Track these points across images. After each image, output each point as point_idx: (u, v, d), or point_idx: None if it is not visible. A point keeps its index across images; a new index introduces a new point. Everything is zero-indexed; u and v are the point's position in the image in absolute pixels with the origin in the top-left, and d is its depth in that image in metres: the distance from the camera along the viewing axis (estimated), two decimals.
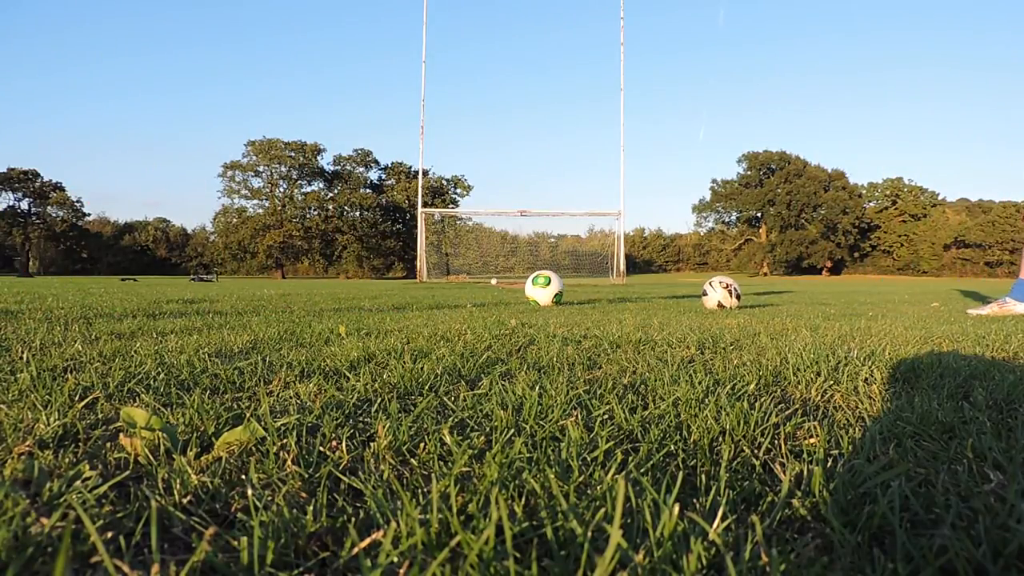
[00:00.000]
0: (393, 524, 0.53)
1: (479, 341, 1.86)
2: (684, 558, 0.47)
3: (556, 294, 4.55)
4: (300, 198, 64.19)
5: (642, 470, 0.70)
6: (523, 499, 0.61)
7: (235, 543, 0.52)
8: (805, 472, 0.68)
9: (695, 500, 0.62)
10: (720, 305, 4.20)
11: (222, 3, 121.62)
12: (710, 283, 4.34)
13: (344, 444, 0.78)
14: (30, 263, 64.42)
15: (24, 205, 64.74)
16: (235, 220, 62.89)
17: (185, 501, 0.62)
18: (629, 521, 0.55)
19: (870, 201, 71.91)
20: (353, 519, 0.57)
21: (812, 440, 0.83)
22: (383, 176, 68.53)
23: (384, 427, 0.83)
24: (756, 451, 0.78)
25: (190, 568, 0.48)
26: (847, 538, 0.52)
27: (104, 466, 0.71)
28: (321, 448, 0.77)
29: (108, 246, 72.50)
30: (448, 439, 0.78)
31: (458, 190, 66.33)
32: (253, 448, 0.77)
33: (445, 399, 1.06)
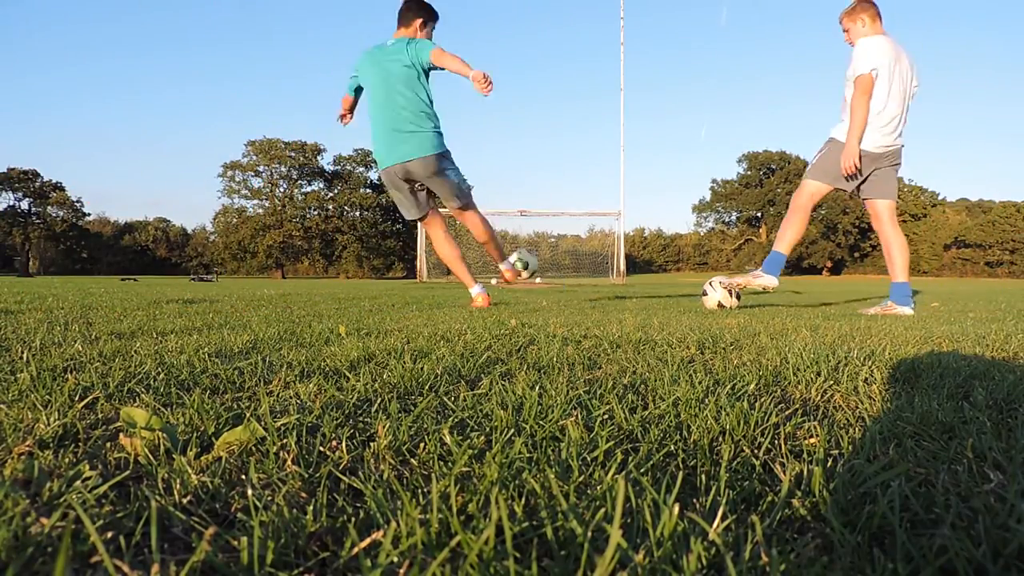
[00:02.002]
0: (393, 524, 0.53)
1: (479, 341, 1.85)
2: (684, 558, 0.47)
3: (531, 271, 4.76)
4: (300, 198, 64.24)
5: (642, 470, 0.70)
6: (523, 499, 0.61)
7: (235, 543, 0.52)
8: (805, 472, 0.68)
9: (695, 500, 0.62)
10: (720, 305, 4.20)
11: (222, 3, 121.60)
12: (710, 283, 4.35)
13: (344, 444, 0.78)
14: (30, 263, 64.44)
15: (24, 205, 64.77)
16: (235, 220, 62.91)
17: (185, 501, 0.62)
18: (629, 521, 0.55)
19: None
20: (353, 519, 0.57)
21: (812, 440, 0.83)
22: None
23: (384, 427, 0.83)
24: (756, 451, 0.78)
25: (190, 568, 0.48)
26: (847, 538, 0.52)
27: (104, 466, 0.71)
28: (321, 448, 0.77)
29: (108, 246, 72.54)
30: (448, 439, 0.78)
31: None
32: (253, 448, 0.77)
33: (445, 399, 1.06)
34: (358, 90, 4.10)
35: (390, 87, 3.82)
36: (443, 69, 3.78)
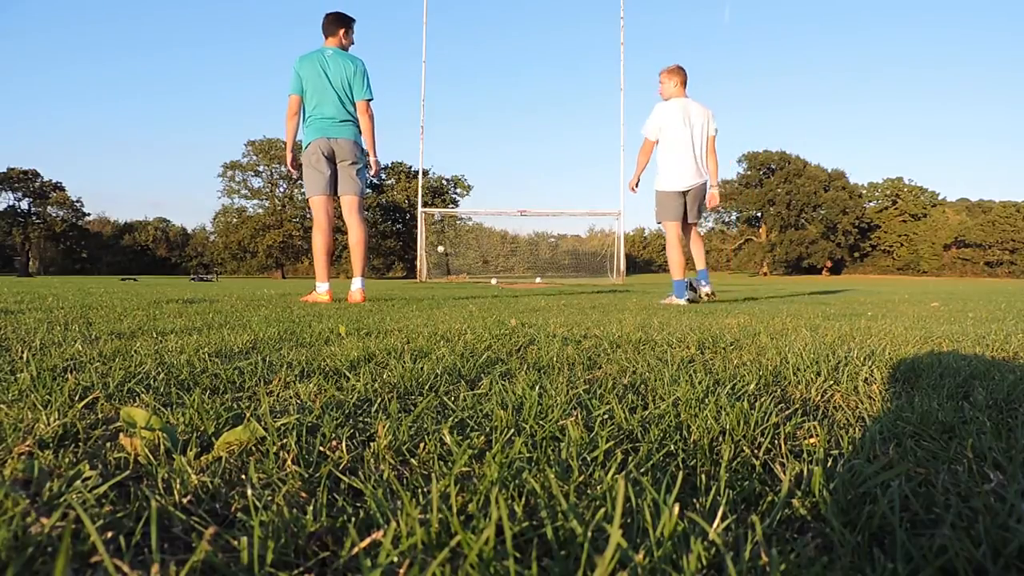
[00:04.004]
0: (393, 524, 0.53)
1: (479, 341, 1.86)
2: (684, 558, 0.47)
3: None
4: (300, 198, 64.16)
5: (642, 470, 0.70)
6: (523, 499, 0.61)
7: (235, 543, 0.52)
8: (805, 472, 0.68)
9: (695, 500, 0.62)
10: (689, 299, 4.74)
11: (222, 3, 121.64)
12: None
13: (344, 444, 0.78)
14: (30, 263, 64.41)
15: (24, 205, 64.78)
16: (235, 220, 62.91)
17: (185, 501, 0.62)
18: (629, 521, 0.55)
19: (870, 201, 71.90)
20: (353, 519, 0.57)
21: (812, 440, 0.83)
22: (383, 176, 68.53)
23: (384, 427, 0.83)
24: (756, 451, 0.78)
25: (190, 568, 0.48)
26: (847, 538, 0.52)
27: (104, 466, 0.71)
28: (321, 448, 0.77)
29: (108, 246, 72.50)
30: (448, 439, 0.78)
31: (458, 190, 66.40)
32: (253, 448, 0.77)
33: (445, 399, 1.06)
34: (302, 91, 4.66)
35: (329, 89, 4.57)
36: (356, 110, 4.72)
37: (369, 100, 4.68)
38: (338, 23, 4.74)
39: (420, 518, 0.55)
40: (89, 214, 70.36)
